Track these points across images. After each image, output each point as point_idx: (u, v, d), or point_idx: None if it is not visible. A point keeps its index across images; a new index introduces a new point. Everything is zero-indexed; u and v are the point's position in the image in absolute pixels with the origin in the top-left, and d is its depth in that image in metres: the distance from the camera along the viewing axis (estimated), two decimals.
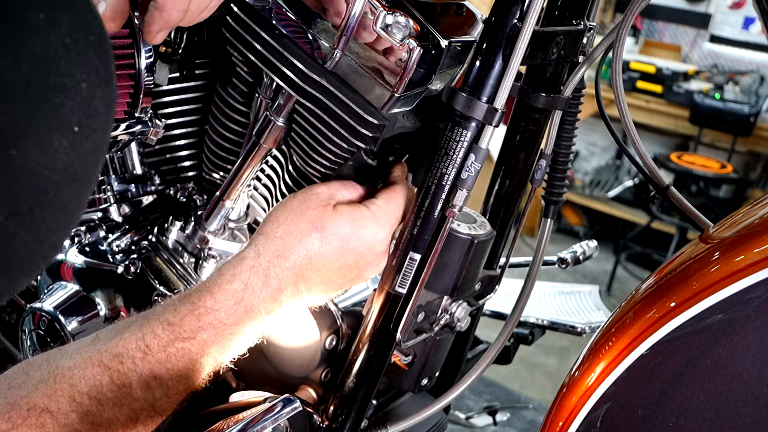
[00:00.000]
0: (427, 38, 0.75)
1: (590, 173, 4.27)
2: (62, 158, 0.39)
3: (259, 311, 0.70)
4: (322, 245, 0.72)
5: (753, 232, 0.64)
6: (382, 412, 0.93)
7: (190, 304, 0.69)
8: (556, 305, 1.27)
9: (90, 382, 0.63)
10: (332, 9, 0.79)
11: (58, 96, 0.39)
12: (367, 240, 0.74)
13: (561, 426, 0.72)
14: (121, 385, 0.64)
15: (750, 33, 4.04)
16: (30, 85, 0.37)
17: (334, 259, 0.73)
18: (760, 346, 0.60)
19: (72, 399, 0.62)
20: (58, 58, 0.39)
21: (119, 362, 0.64)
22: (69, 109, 0.39)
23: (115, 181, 0.94)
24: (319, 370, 0.86)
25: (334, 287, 0.76)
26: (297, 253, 0.71)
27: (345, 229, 0.73)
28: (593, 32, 0.83)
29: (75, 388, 0.62)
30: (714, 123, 3.64)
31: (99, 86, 0.41)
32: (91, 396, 0.62)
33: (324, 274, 0.73)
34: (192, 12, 0.68)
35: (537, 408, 2.26)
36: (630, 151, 0.86)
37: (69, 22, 0.40)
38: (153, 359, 0.65)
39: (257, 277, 0.70)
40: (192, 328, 0.67)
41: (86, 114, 0.40)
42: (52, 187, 0.39)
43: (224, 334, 0.68)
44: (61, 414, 0.61)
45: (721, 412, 0.62)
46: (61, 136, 0.39)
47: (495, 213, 0.91)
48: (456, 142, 0.72)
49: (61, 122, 0.39)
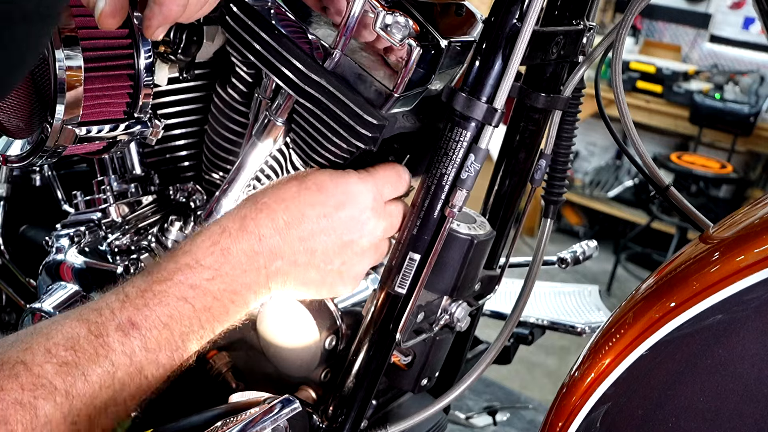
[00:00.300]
0: (426, 38, 0.75)
1: (590, 173, 4.27)
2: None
3: (239, 260, 0.68)
4: (300, 190, 0.71)
5: (753, 232, 0.64)
6: (382, 412, 0.93)
7: (169, 252, 0.69)
8: (556, 305, 1.27)
9: (67, 334, 0.61)
10: (332, 9, 0.79)
11: None
12: (349, 188, 0.72)
13: (561, 426, 0.72)
14: (98, 335, 0.62)
15: (750, 33, 4.05)
16: None
17: (311, 205, 0.71)
18: (760, 346, 0.60)
19: (47, 351, 0.59)
20: None
21: (98, 314, 0.63)
22: None
23: (114, 181, 0.94)
24: (318, 371, 0.86)
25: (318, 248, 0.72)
26: (273, 197, 0.71)
27: (323, 177, 0.72)
28: (593, 32, 0.83)
29: (50, 340, 0.60)
30: (714, 123, 3.64)
31: None
32: (67, 347, 0.60)
33: (304, 226, 0.71)
34: (191, 7, 0.68)
35: (537, 408, 2.26)
36: (630, 151, 0.86)
37: None
38: (131, 305, 0.64)
39: (234, 221, 0.69)
40: (168, 269, 0.66)
41: None
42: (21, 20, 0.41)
43: (201, 277, 0.67)
44: (35, 365, 0.58)
45: (721, 412, 0.62)
46: None
47: (495, 213, 0.91)
48: (455, 142, 0.72)
49: None
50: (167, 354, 0.65)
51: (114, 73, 0.78)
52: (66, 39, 0.73)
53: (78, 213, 0.97)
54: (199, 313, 0.67)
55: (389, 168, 0.77)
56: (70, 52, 0.73)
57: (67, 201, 1.06)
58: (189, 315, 0.66)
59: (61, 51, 0.73)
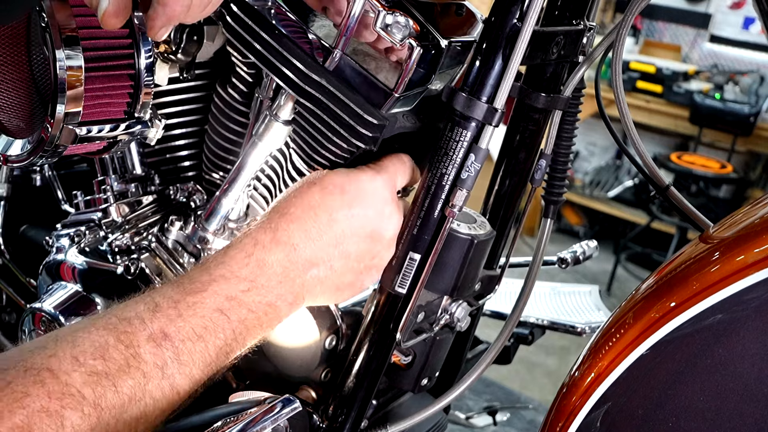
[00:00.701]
0: (426, 38, 0.75)
1: (590, 173, 4.27)
2: None
3: (274, 271, 0.68)
4: (323, 195, 0.72)
5: (753, 232, 0.64)
6: (382, 412, 0.93)
7: (200, 265, 0.68)
8: (556, 305, 1.27)
9: (95, 342, 0.58)
10: (332, 9, 0.79)
11: None
12: (365, 185, 0.73)
13: (561, 426, 0.72)
14: (128, 345, 0.59)
15: (750, 33, 4.04)
16: None
17: (338, 208, 0.72)
18: (760, 346, 0.60)
19: (74, 358, 0.56)
20: None
21: (127, 323, 0.60)
22: None
23: (115, 181, 0.94)
24: (318, 370, 0.86)
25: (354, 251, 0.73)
26: (299, 207, 0.71)
27: (341, 178, 0.73)
28: (593, 32, 0.83)
29: (77, 347, 0.57)
30: (714, 123, 3.64)
31: None
32: (96, 356, 0.57)
33: (334, 229, 0.71)
34: (195, 8, 0.68)
35: (537, 408, 2.26)
36: (630, 151, 0.86)
37: None
38: (163, 316, 0.61)
39: (265, 232, 0.69)
40: (203, 280, 0.65)
41: None
42: None
43: (237, 288, 0.66)
44: (62, 372, 0.55)
45: (721, 412, 0.62)
46: None
47: (495, 213, 0.91)
48: (456, 142, 0.72)
49: None
50: (200, 368, 0.63)
51: (114, 72, 0.78)
52: (66, 39, 0.73)
53: (78, 213, 0.97)
54: (233, 324, 0.65)
55: (396, 159, 0.79)
56: (70, 52, 0.73)
57: (67, 201, 1.06)
58: (224, 327, 0.65)
59: (62, 51, 0.73)
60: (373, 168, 0.76)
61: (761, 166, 3.89)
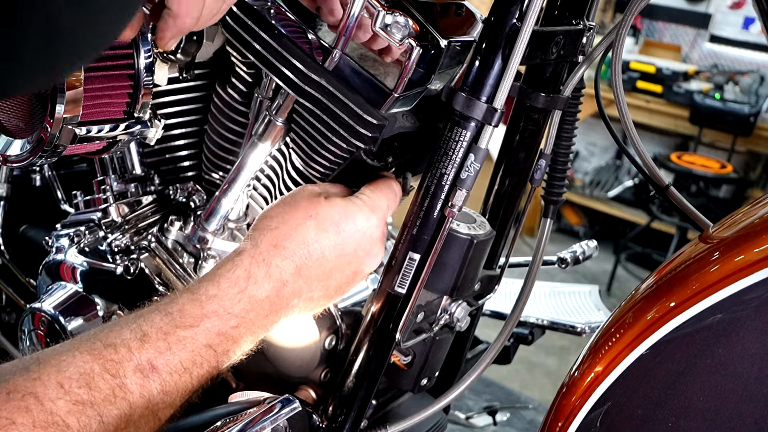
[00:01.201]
0: (426, 38, 0.75)
1: (590, 173, 4.27)
2: None
3: (263, 306, 0.68)
4: (319, 233, 0.71)
5: (753, 232, 0.64)
6: (382, 412, 0.93)
7: (190, 293, 0.66)
8: (556, 305, 1.27)
9: (80, 368, 0.57)
10: (324, 9, 0.79)
11: None
12: (361, 226, 0.74)
13: (561, 426, 0.72)
14: (114, 374, 0.58)
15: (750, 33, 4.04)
16: None
17: (331, 248, 0.72)
18: (760, 346, 0.60)
19: (59, 385, 0.55)
20: None
21: (113, 350, 0.60)
22: None
23: (114, 181, 0.94)
24: (318, 370, 0.86)
25: (333, 284, 0.74)
26: (294, 242, 0.70)
27: (338, 216, 0.73)
28: (593, 32, 0.83)
29: (62, 373, 0.56)
30: (714, 123, 3.64)
31: None
32: (81, 384, 0.56)
33: (324, 267, 0.72)
34: (204, 18, 0.69)
35: (537, 408, 2.26)
36: (630, 151, 0.86)
37: None
38: (151, 347, 0.61)
39: (258, 266, 0.68)
40: (195, 315, 0.64)
41: None
42: None
43: (228, 325, 0.66)
44: (47, 399, 0.54)
45: (720, 412, 0.62)
46: None
47: (494, 213, 0.91)
48: (455, 142, 0.72)
49: None
50: (182, 396, 0.64)
51: (114, 72, 0.78)
52: None
53: (78, 213, 0.97)
54: (219, 356, 0.66)
55: (389, 191, 0.78)
56: None
57: (67, 201, 1.06)
58: (209, 359, 0.65)
59: None
60: (368, 205, 0.75)
61: (761, 166, 3.89)
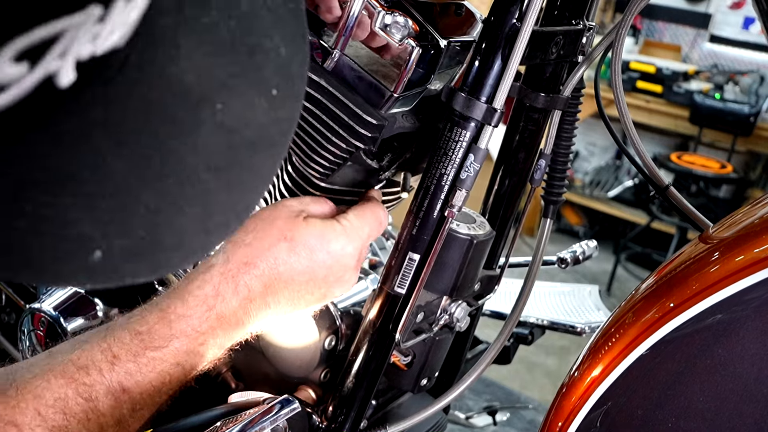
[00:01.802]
0: (426, 38, 0.75)
1: (590, 173, 4.27)
2: (261, 119, 0.38)
3: (229, 322, 0.68)
4: (290, 256, 0.70)
5: (753, 232, 0.63)
6: (382, 412, 0.93)
7: (159, 311, 0.66)
8: (556, 305, 1.27)
9: (55, 394, 0.59)
10: (322, 7, 0.79)
11: (260, 55, 0.38)
12: (335, 253, 0.72)
13: (561, 426, 0.72)
14: (87, 398, 0.60)
15: (750, 33, 4.05)
16: (237, 40, 0.37)
17: (301, 272, 0.71)
18: (760, 346, 0.60)
19: (37, 412, 0.57)
20: (260, 17, 0.38)
21: (85, 373, 0.61)
22: (269, 71, 0.39)
23: None
24: (318, 371, 0.85)
25: (301, 304, 0.73)
26: (265, 261, 0.69)
27: (313, 240, 0.71)
28: (593, 32, 0.83)
29: (40, 400, 0.58)
30: (714, 123, 3.64)
31: (296, 54, 0.41)
32: (57, 410, 0.58)
33: (292, 288, 0.71)
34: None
35: (537, 408, 2.26)
36: (630, 151, 0.86)
37: None
38: (121, 370, 0.62)
39: (227, 283, 0.68)
40: (164, 335, 0.65)
41: (284, 79, 0.40)
42: (248, 148, 0.38)
43: (196, 343, 0.66)
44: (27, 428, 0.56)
45: (720, 412, 0.62)
46: (261, 96, 0.39)
47: (494, 213, 0.91)
48: (455, 142, 0.71)
49: (261, 82, 0.39)
50: (151, 410, 0.66)
51: None
52: None
53: None
54: (187, 371, 0.67)
55: (372, 218, 0.76)
56: None
57: None
58: (178, 376, 0.66)
59: None
60: (347, 231, 0.73)
61: (761, 166, 3.89)
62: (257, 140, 0.39)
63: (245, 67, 0.38)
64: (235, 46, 0.37)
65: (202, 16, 0.36)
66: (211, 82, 0.36)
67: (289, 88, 0.40)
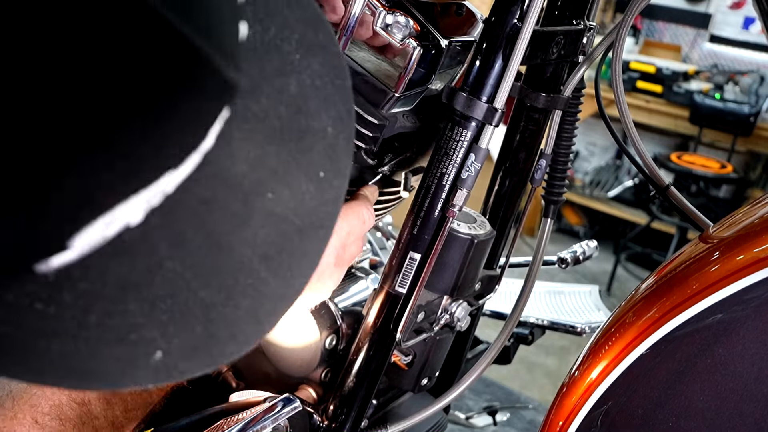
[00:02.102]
0: (427, 38, 0.75)
1: (590, 173, 4.27)
2: (309, 204, 0.38)
3: None
4: None
5: (753, 232, 0.64)
6: (382, 411, 0.93)
7: None
8: (556, 305, 1.27)
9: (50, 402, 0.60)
10: (326, 7, 0.79)
11: (309, 138, 0.38)
12: None
13: (561, 426, 0.72)
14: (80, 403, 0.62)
15: (750, 33, 4.04)
16: (287, 126, 0.37)
17: None
18: (760, 345, 0.60)
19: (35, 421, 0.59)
20: (309, 98, 0.38)
21: None
22: (317, 153, 0.38)
23: None
24: (319, 370, 0.86)
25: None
26: None
27: None
28: (593, 32, 0.83)
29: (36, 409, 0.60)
30: (714, 123, 3.64)
31: (342, 132, 0.40)
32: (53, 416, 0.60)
33: None
34: None
35: (537, 408, 2.26)
36: (630, 151, 0.86)
37: (320, 65, 0.39)
38: None
39: None
40: None
41: (331, 159, 0.39)
42: (298, 234, 0.38)
43: None
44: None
45: (720, 412, 0.62)
46: (309, 180, 0.38)
47: (495, 213, 0.91)
48: (456, 141, 0.72)
49: (309, 166, 0.38)
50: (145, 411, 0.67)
51: None
52: None
53: None
54: None
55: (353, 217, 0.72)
56: None
57: None
58: None
59: None
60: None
61: (761, 166, 3.89)
62: (306, 225, 0.38)
63: (294, 152, 0.37)
64: (285, 132, 0.37)
65: (252, 105, 0.35)
66: (262, 172, 0.36)
67: (336, 167, 0.40)
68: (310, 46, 0.39)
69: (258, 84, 0.35)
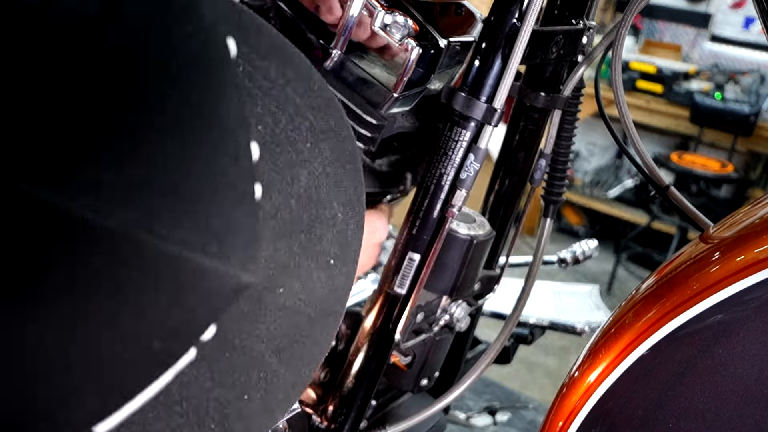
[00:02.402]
0: (426, 38, 0.75)
1: (590, 173, 4.27)
2: (319, 293, 0.38)
3: None
4: None
5: (753, 232, 0.63)
6: (382, 412, 0.93)
7: None
8: (556, 305, 1.27)
9: None
10: (323, 8, 0.79)
11: (319, 227, 0.37)
12: None
13: (561, 426, 0.72)
14: None
15: (750, 33, 4.04)
16: (297, 218, 0.36)
17: None
18: (760, 346, 0.60)
19: None
20: (319, 187, 0.37)
21: None
22: (327, 241, 0.38)
23: None
24: (318, 371, 0.85)
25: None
26: None
27: None
28: (593, 32, 0.83)
29: None
30: (714, 123, 3.64)
31: (352, 217, 0.40)
32: None
33: None
34: None
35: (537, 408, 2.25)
36: (630, 151, 0.85)
37: (330, 150, 0.38)
38: None
39: None
40: None
41: (340, 245, 0.39)
42: (308, 323, 0.38)
43: None
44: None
45: (721, 413, 0.62)
46: (319, 269, 0.38)
47: (494, 213, 0.91)
48: (455, 141, 0.71)
49: (320, 255, 0.38)
50: None
51: None
52: None
53: None
54: None
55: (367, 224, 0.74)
56: None
57: None
58: None
59: None
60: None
61: (762, 165, 3.89)
62: (317, 314, 0.38)
63: (305, 243, 0.37)
64: (295, 224, 0.36)
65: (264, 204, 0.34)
66: (273, 269, 0.35)
67: (345, 253, 0.39)
68: (321, 132, 0.38)
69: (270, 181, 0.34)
